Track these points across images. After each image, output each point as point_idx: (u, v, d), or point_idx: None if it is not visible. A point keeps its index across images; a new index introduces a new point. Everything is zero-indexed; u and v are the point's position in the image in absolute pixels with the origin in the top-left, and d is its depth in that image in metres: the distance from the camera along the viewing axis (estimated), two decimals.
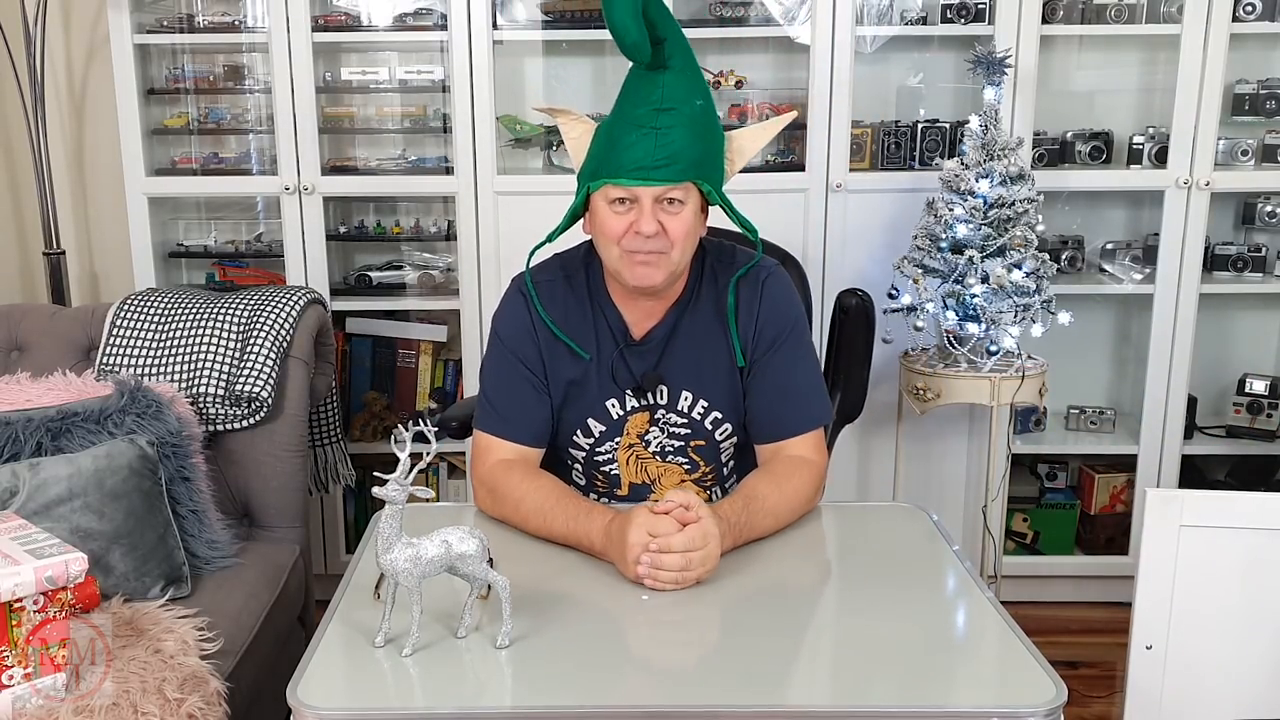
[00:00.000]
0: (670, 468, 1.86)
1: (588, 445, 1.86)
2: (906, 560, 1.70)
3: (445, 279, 3.16)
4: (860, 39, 2.92)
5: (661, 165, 1.65)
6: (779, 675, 1.39)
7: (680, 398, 1.82)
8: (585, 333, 1.82)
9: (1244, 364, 3.20)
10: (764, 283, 1.83)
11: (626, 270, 1.72)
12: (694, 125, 1.68)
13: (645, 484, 1.86)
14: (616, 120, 1.71)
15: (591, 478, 1.89)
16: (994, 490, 2.85)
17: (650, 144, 1.65)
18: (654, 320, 1.82)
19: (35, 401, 2.17)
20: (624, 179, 1.66)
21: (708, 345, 1.82)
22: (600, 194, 1.70)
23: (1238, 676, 1.84)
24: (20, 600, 1.55)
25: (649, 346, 1.82)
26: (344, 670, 1.39)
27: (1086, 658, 2.87)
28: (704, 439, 1.85)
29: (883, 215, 2.94)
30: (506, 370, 1.83)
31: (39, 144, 2.92)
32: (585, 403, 1.83)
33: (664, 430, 1.84)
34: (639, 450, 1.85)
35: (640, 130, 1.66)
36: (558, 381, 1.83)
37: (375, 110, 3.11)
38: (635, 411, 1.83)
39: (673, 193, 1.68)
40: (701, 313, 1.83)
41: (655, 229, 1.67)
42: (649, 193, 1.67)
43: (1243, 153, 2.96)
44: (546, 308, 1.81)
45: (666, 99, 1.66)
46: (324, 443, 2.85)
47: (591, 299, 1.83)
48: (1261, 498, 1.83)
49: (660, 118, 1.65)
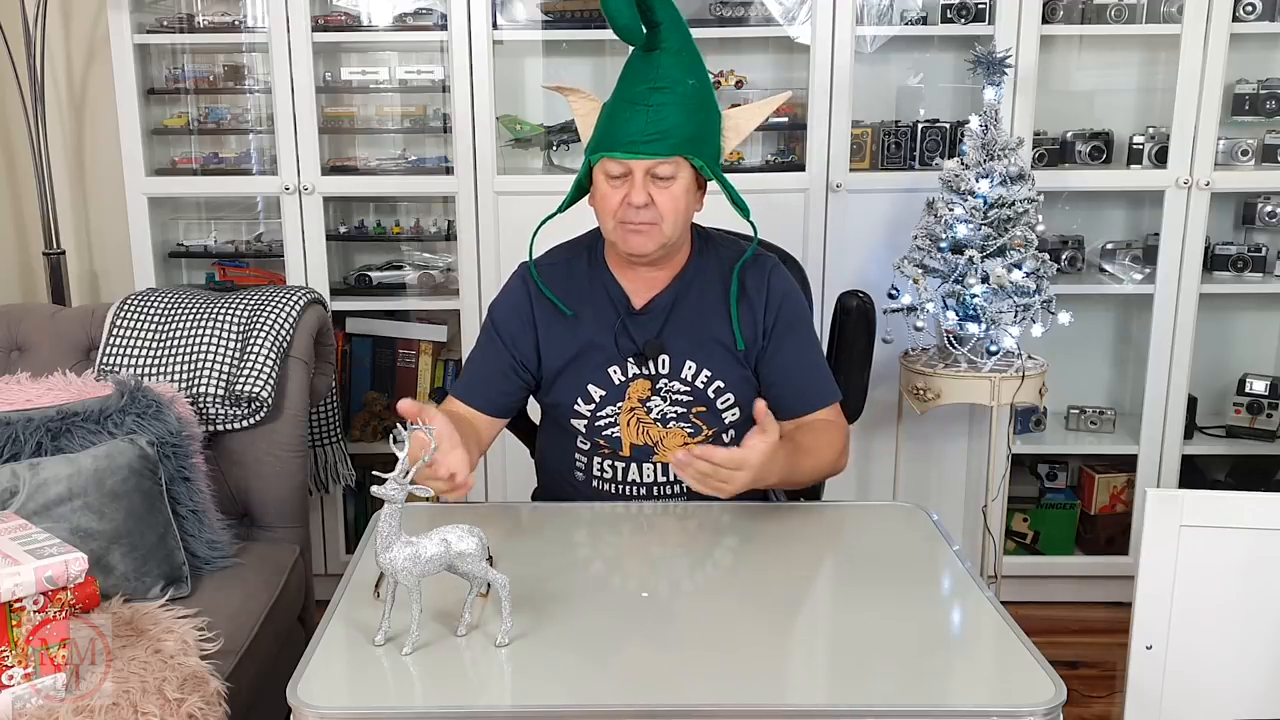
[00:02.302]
0: (672, 431, 1.91)
1: (588, 411, 1.90)
2: (906, 560, 1.70)
3: (445, 279, 3.16)
4: (860, 39, 2.92)
5: (653, 139, 1.76)
6: (779, 674, 1.39)
7: (684, 366, 1.89)
8: (584, 303, 1.90)
9: (1244, 364, 3.20)
10: (772, 270, 1.94)
11: (620, 240, 1.82)
12: (686, 103, 1.78)
13: (647, 446, 1.91)
14: (615, 99, 1.81)
15: (595, 443, 1.93)
16: (994, 490, 2.85)
17: (643, 120, 1.75)
18: (654, 291, 1.90)
19: (35, 401, 2.17)
20: (618, 152, 1.77)
21: (711, 320, 1.90)
22: (599, 168, 1.81)
23: (1238, 676, 1.84)
24: (20, 600, 1.55)
25: (651, 315, 1.89)
26: (344, 669, 1.39)
27: (1086, 658, 2.87)
28: (706, 405, 1.91)
29: (883, 215, 2.94)
30: (486, 345, 1.94)
31: (39, 144, 2.92)
32: (587, 369, 1.89)
33: (665, 398, 1.89)
34: (640, 414, 1.90)
35: (635, 107, 1.76)
36: (558, 355, 1.89)
37: (375, 110, 3.11)
38: (636, 379, 1.89)
39: (662, 167, 1.77)
40: (704, 288, 1.91)
41: (645, 200, 1.77)
42: (640, 166, 1.77)
43: (1243, 153, 2.96)
44: (546, 279, 1.91)
45: (660, 78, 1.76)
46: (324, 443, 2.85)
47: (592, 273, 1.92)
48: (1261, 498, 1.83)
49: (653, 95, 1.76)
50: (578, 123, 1.90)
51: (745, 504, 1.88)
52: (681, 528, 1.85)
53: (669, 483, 1.91)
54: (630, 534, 1.85)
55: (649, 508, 1.90)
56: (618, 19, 1.72)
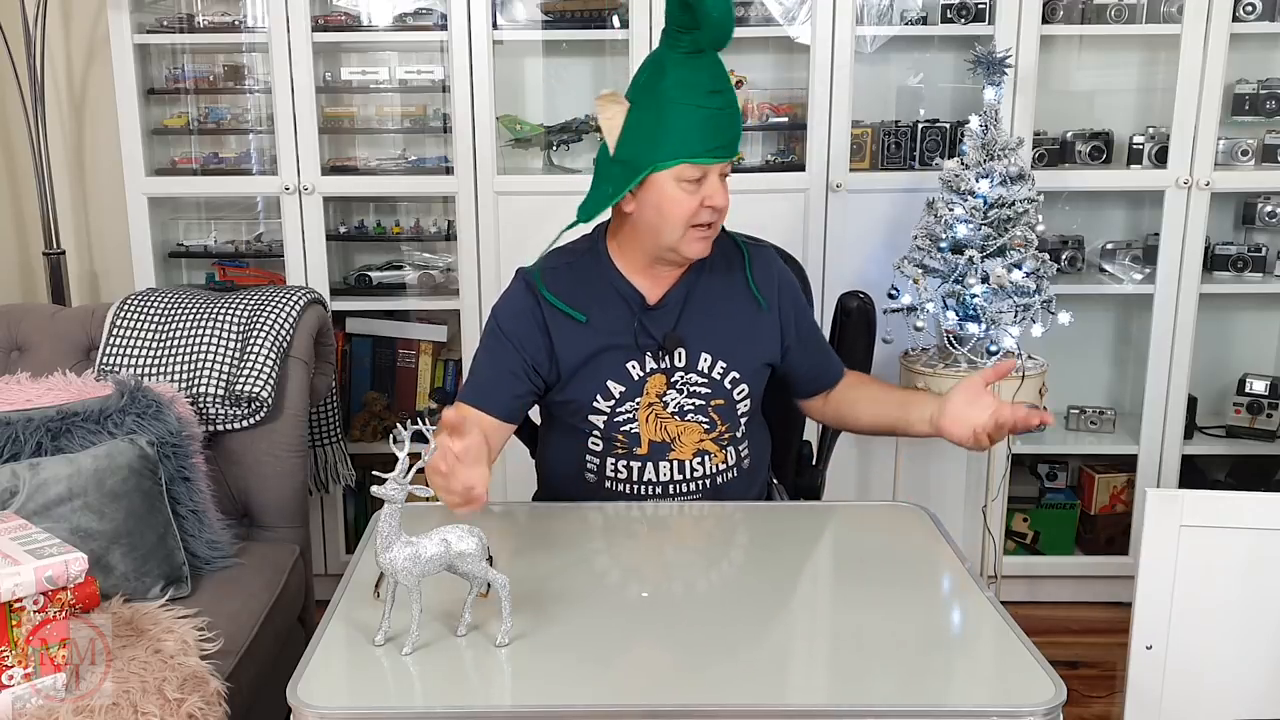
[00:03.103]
0: (689, 426, 1.90)
1: (608, 408, 1.89)
2: (906, 560, 1.70)
3: (445, 279, 3.16)
4: (860, 39, 2.92)
5: (732, 141, 1.81)
6: (779, 674, 1.39)
7: (700, 359, 1.89)
8: (594, 305, 1.89)
9: (1244, 364, 3.20)
10: (773, 256, 2.01)
11: (686, 245, 1.83)
12: (735, 104, 1.82)
13: (665, 442, 1.90)
14: (675, 101, 1.77)
15: (611, 439, 1.91)
16: (994, 490, 2.85)
17: (718, 123, 1.78)
18: (666, 286, 1.90)
19: (35, 401, 2.17)
20: (702, 158, 1.77)
21: (724, 309, 1.92)
22: (670, 174, 1.78)
23: (1238, 676, 1.84)
24: (20, 600, 1.55)
25: (666, 309, 1.90)
26: (344, 669, 1.39)
27: (1086, 658, 2.87)
28: (723, 398, 1.91)
29: (883, 215, 2.94)
30: (495, 349, 1.91)
31: (39, 144, 2.92)
32: (605, 368, 1.88)
33: (683, 391, 1.90)
34: (658, 409, 1.89)
35: (705, 111, 1.77)
36: (571, 358, 1.88)
37: (375, 110, 3.11)
38: (654, 373, 1.89)
39: (728, 168, 1.82)
40: (714, 278, 1.92)
41: (727, 201, 1.81)
42: (716, 169, 1.79)
43: (1243, 153, 2.96)
44: (551, 287, 1.89)
45: (719, 79, 1.79)
46: (324, 443, 2.85)
47: (600, 272, 1.90)
48: (1261, 498, 1.83)
49: (714, 99, 1.78)
50: (606, 126, 1.84)
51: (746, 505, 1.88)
52: (682, 528, 1.85)
53: (685, 480, 1.90)
54: (630, 534, 1.85)
55: (649, 508, 1.89)
56: (713, 12, 1.71)
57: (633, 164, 1.79)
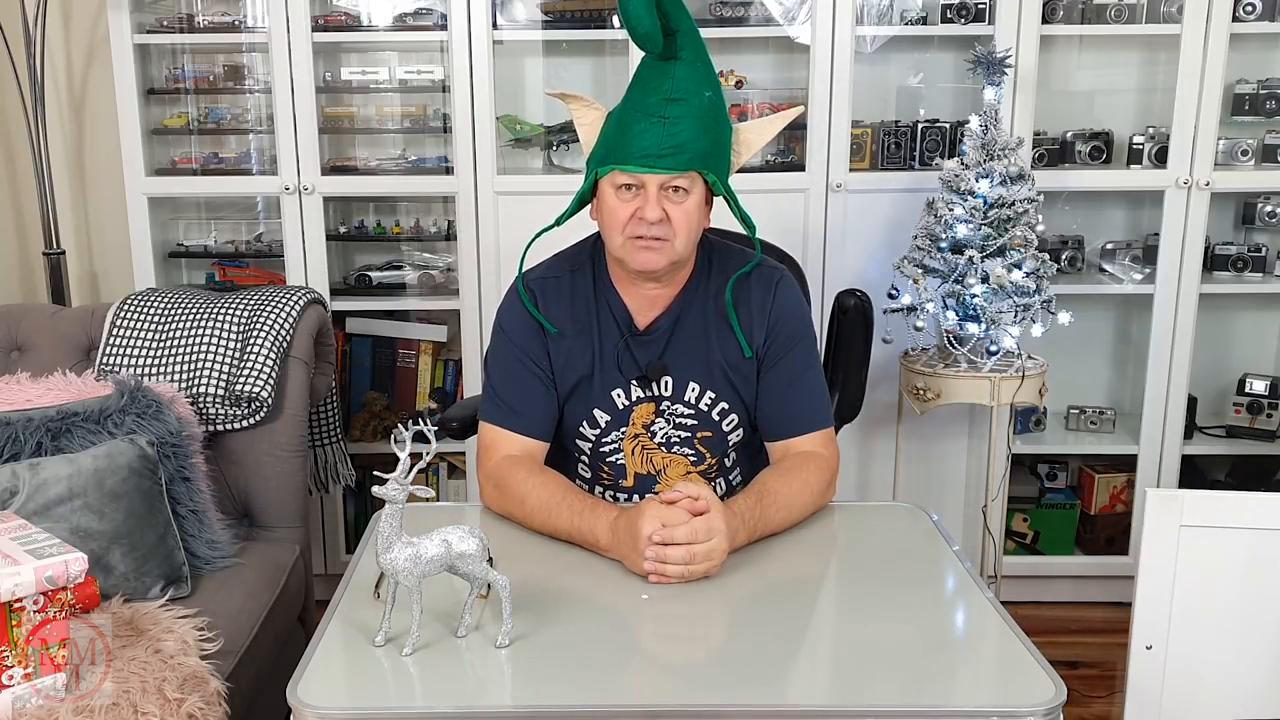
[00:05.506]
0: (676, 458, 1.86)
1: (593, 436, 1.86)
2: (906, 560, 1.70)
3: (445, 279, 3.16)
4: (860, 39, 2.92)
5: (668, 154, 1.69)
6: (779, 674, 1.39)
7: (687, 389, 1.84)
8: (588, 324, 1.83)
9: (1244, 364, 3.21)
10: (778, 284, 1.87)
11: (630, 255, 1.75)
12: (702, 116, 1.71)
13: (651, 475, 1.87)
14: (627, 108, 1.75)
15: (597, 469, 1.89)
16: (994, 490, 2.85)
17: (658, 132, 1.69)
18: (658, 310, 1.84)
19: (35, 401, 2.17)
20: (631, 165, 1.70)
21: (714, 338, 1.84)
22: (608, 180, 1.74)
23: (1238, 676, 1.84)
24: (20, 600, 1.55)
25: (654, 336, 1.83)
26: (344, 670, 1.39)
27: (1086, 658, 2.87)
28: (711, 430, 1.86)
29: (883, 215, 2.94)
30: (512, 363, 1.84)
31: (39, 144, 2.92)
32: (591, 394, 1.84)
33: (670, 421, 1.85)
34: (644, 440, 1.85)
35: (650, 119, 1.70)
36: (564, 375, 1.84)
37: (375, 110, 3.11)
38: (640, 402, 1.84)
39: (678, 181, 1.71)
40: (707, 305, 1.85)
41: (660, 215, 1.71)
42: (655, 180, 1.70)
43: (1243, 153, 2.96)
44: (549, 304, 1.84)
45: (676, 89, 1.70)
46: (324, 443, 2.85)
47: (596, 290, 1.85)
48: (1261, 498, 1.83)
49: (669, 107, 1.69)
50: (580, 131, 1.83)
51: None
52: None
53: None
54: None
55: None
56: (638, 26, 1.65)
57: (589, 168, 1.79)
